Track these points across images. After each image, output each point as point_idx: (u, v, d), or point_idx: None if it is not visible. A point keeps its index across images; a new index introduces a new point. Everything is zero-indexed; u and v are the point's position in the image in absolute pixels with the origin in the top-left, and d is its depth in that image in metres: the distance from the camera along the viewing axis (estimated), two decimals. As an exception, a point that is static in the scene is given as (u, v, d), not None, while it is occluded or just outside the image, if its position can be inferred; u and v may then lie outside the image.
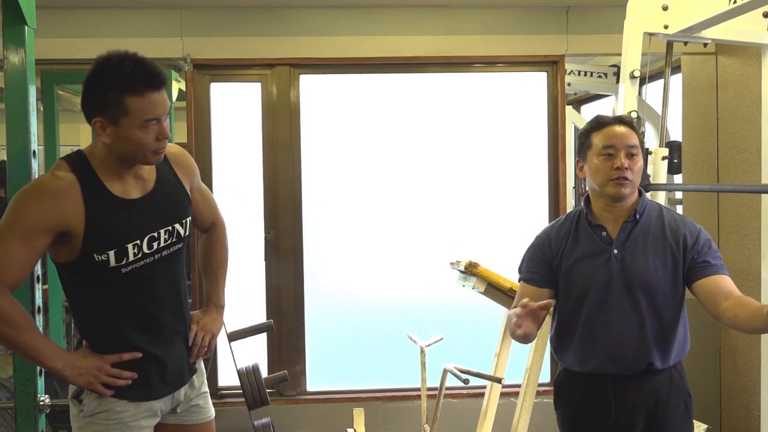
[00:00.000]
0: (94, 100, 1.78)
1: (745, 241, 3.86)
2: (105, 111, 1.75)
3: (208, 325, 2.10)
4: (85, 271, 1.82)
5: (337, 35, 4.04)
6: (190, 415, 2.05)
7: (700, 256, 2.04)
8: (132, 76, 1.74)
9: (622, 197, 2.07)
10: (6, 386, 3.73)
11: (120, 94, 1.74)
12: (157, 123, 1.78)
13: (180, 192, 1.98)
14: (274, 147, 4.10)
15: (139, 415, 1.91)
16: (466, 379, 2.74)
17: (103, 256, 1.79)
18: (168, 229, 1.91)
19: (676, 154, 4.16)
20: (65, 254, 1.81)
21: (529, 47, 4.12)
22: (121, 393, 1.87)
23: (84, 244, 1.78)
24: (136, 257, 1.85)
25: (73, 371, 1.82)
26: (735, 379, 4.00)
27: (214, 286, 2.20)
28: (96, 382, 1.83)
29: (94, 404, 1.86)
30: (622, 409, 2.09)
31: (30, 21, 1.96)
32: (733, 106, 3.99)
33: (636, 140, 2.09)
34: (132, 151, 1.79)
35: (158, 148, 1.82)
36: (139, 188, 1.89)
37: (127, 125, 1.75)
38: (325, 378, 4.20)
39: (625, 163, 2.05)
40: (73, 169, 1.81)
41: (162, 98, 1.79)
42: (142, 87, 1.74)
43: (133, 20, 3.95)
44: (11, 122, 1.96)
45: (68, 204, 1.75)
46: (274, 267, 4.12)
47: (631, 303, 2.06)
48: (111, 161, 1.82)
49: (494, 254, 3.79)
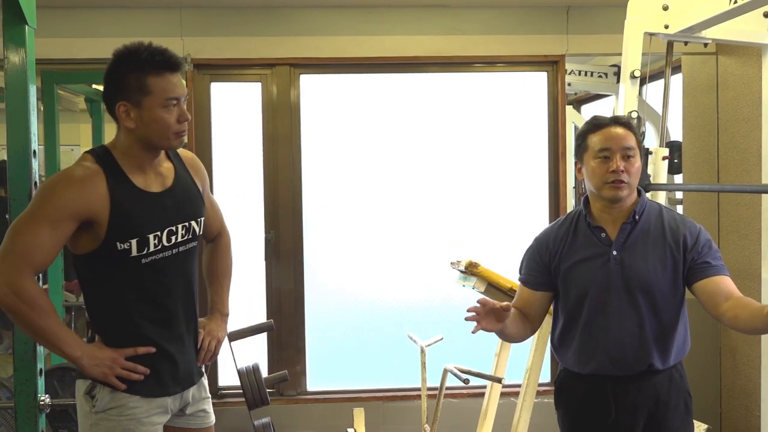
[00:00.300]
0: (116, 86, 1.85)
1: (745, 241, 3.86)
2: (128, 94, 1.83)
3: (214, 331, 2.14)
4: (106, 261, 1.86)
5: (337, 35, 4.04)
6: (195, 419, 2.08)
7: (701, 256, 2.03)
8: (151, 58, 1.83)
9: (618, 200, 2.07)
10: (6, 386, 3.73)
11: (141, 75, 1.82)
12: (177, 104, 1.86)
13: (195, 192, 2.05)
14: (274, 147, 4.10)
15: (152, 411, 1.93)
16: (467, 379, 2.74)
17: (126, 244, 1.84)
18: (185, 225, 1.97)
19: (676, 154, 4.16)
20: (87, 244, 1.85)
21: (529, 47, 4.11)
22: (134, 388, 1.89)
23: (108, 232, 1.82)
24: (156, 248, 1.90)
25: (90, 361, 1.85)
26: (735, 379, 4.00)
27: (219, 294, 2.23)
28: (111, 373, 1.86)
29: (107, 399, 1.88)
30: (622, 409, 2.08)
31: (30, 21, 1.96)
32: (733, 106, 3.99)
33: (633, 141, 2.08)
34: (156, 132, 1.86)
35: (180, 131, 1.88)
36: (159, 183, 1.95)
37: (149, 105, 1.83)
38: (325, 378, 4.20)
39: (621, 165, 2.04)
40: (97, 161, 1.87)
41: (179, 80, 1.88)
42: (160, 67, 1.84)
43: (134, 20, 3.95)
44: (11, 122, 1.96)
45: (94, 192, 1.82)
46: (275, 267, 4.12)
47: (630, 304, 2.05)
48: (134, 152, 1.89)
49: (494, 254, 3.79)
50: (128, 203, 1.85)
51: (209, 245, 2.27)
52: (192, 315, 2.04)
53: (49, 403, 2.02)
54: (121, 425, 1.88)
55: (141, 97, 1.83)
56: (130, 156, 1.89)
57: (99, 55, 3.93)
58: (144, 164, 1.91)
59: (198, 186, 2.07)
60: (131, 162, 1.89)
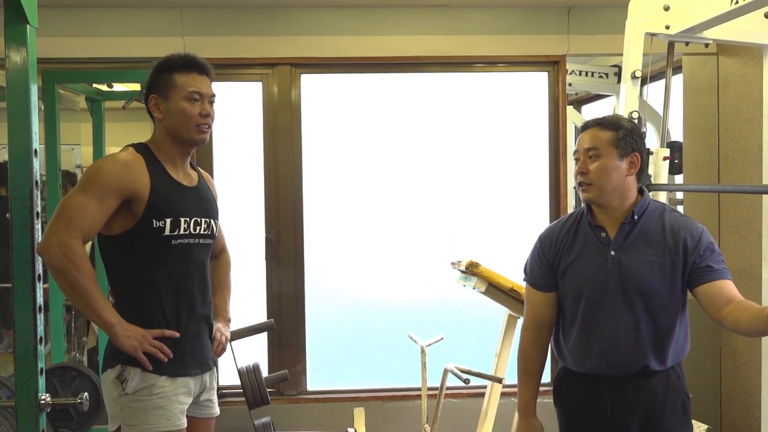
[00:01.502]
0: (150, 84, 2.12)
1: (746, 242, 3.86)
2: (158, 89, 2.10)
3: (222, 329, 2.29)
4: (140, 239, 2.02)
5: (338, 35, 4.04)
6: (202, 408, 2.20)
7: (702, 260, 2.02)
8: (181, 60, 2.11)
9: (590, 201, 2.09)
10: (7, 385, 3.73)
11: (170, 73, 2.10)
12: (200, 100, 2.09)
13: (213, 198, 2.27)
14: (275, 147, 4.10)
15: (178, 390, 2.06)
16: (467, 379, 2.74)
17: (161, 222, 2.02)
18: (207, 220, 2.16)
19: (677, 155, 4.16)
20: (123, 224, 2.02)
21: (530, 47, 4.12)
22: (160, 369, 2.03)
23: (146, 210, 2.01)
24: (185, 232, 2.08)
25: (123, 331, 1.98)
26: (735, 380, 4.00)
27: (222, 301, 2.35)
28: (139, 348, 1.99)
29: (137, 380, 2.01)
30: (618, 408, 2.09)
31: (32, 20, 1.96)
32: (734, 106, 3.99)
33: (599, 141, 2.06)
34: (179, 122, 2.08)
35: (202, 123, 2.10)
36: (188, 180, 2.17)
37: (174, 97, 2.08)
38: (325, 377, 4.20)
39: (582, 168, 2.07)
40: (138, 151, 2.09)
41: (206, 81, 2.13)
42: (188, 67, 2.11)
43: (135, 19, 3.95)
44: (13, 121, 1.96)
45: (137, 173, 2.03)
46: (275, 266, 4.12)
47: (626, 305, 2.05)
48: (166, 146, 2.11)
49: (495, 254, 3.80)
50: (164, 187, 2.06)
51: (212, 261, 2.36)
52: (207, 303, 2.18)
53: (49, 402, 2.02)
54: (152, 403, 2.01)
55: (168, 90, 2.08)
56: (164, 150, 2.11)
57: (100, 54, 3.97)
58: (176, 159, 2.13)
59: (214, 196, 2.29)
60: (165, 155, 2.11)
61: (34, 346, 1.98)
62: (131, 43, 3.96)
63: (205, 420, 2.22)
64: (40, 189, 1.96)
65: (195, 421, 2.17)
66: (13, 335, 2.01)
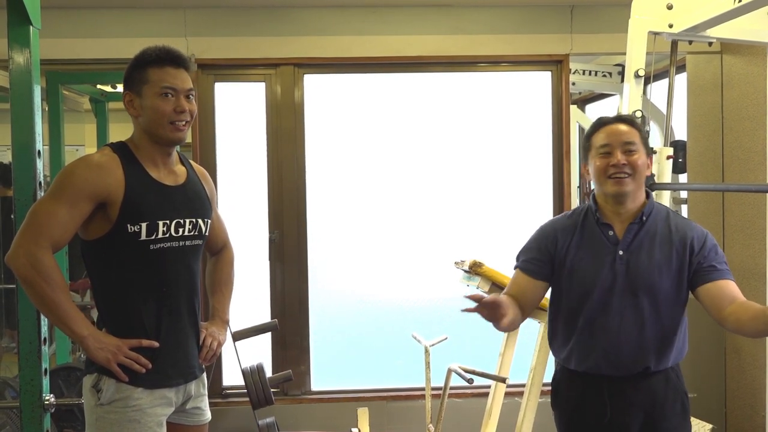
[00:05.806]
0: (124, 80, 2.02)
1: (750, 241, 3.85)
2: (132, 85, 1.99)
3: (215, 333, 2.19)
4: (115, 245, 1.93)
5: (341, 35, 4.04)
6: (190, 416, 2.11)
7: (707, 260, 2.03)
8: (154, 54, 1.99)
9: (622, 194, 2.05)
10: (11, 385, 3.74)
11: (143, 68, 1.98)
12: (174, 96, 1.97)
13: (204, 196, 2.14)
14: (278, 147, 4.11)
15: (155, 402, 1.97)
16: (471, 378, 2.74)
17: (136, 227, 1.92)
18: (192, 220, 2.05)
19: (680, 154, 4.13)
20: (98, 228, 1.93)
21: (533, 47, 4.11)
22: (137, 380, 1.94)
23: (120, 214, 1.91)
24: (164, 236, 1.97)
25: (95, 343, 1.90)
26: (740, 379, 3.99)
27: (221, 302, 2.28)
28: (113, 360, 1.90)
29: (112, 390, 1.92)
30: (618, 409, 2.08)
31: (35, 21, 1.96)
32: (738, 105, 3.98)
33: (635, 137, 2.07)
34: (153, 120, 1.97)
35: (175, 120, 1.97)
36: (171, 179, 2.05)
37: (147, 93, 1.96)
38: (329, 378, 4.20)
39: (621, 159, 2.04)
40: (115, 151, 1.99)
41: (180, 74, 1.99)
42: (161, 61, 1.98)
43: (138, 20, 3.96)
44: (16, 122, 1.97)
45: (111, 175, 1.92)
46: (279, 267, 4.12)
47: (633, 306, 2.04)
48: (144, 144, 2.00)
49: (499, 254, 3.78)
50: (141, 189, 1.95)
51: (213, 257, 2.32)
52: (194, 310, 2.08)
53: (53, 403, 2.03)
54: (126, 416, 1.92)
55: (141, 86, 1.97)
56: (142, 149, 2.00)
57: (103, 55, 3.98)
58: (156, 158, 2.01)
59: (206, 192, 2.16)
60: (144, 154, 2.00)
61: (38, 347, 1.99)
62: (135, 44, 3.88)
63: (195, 427, 2.13)
64: (44, 190, 1.97)
65: (185, 428, 2.11)
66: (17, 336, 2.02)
